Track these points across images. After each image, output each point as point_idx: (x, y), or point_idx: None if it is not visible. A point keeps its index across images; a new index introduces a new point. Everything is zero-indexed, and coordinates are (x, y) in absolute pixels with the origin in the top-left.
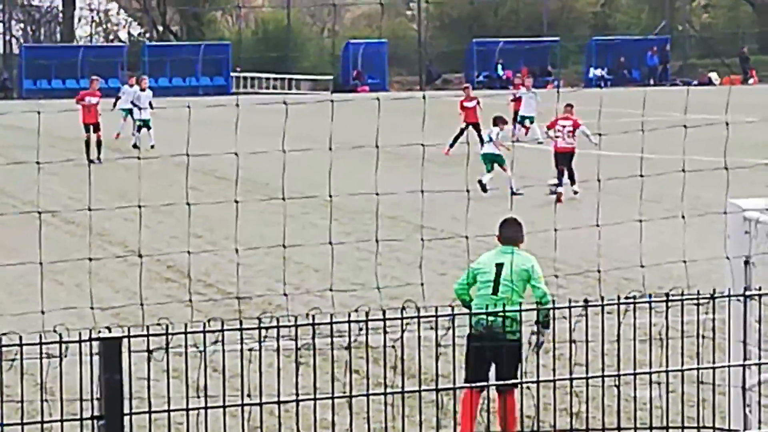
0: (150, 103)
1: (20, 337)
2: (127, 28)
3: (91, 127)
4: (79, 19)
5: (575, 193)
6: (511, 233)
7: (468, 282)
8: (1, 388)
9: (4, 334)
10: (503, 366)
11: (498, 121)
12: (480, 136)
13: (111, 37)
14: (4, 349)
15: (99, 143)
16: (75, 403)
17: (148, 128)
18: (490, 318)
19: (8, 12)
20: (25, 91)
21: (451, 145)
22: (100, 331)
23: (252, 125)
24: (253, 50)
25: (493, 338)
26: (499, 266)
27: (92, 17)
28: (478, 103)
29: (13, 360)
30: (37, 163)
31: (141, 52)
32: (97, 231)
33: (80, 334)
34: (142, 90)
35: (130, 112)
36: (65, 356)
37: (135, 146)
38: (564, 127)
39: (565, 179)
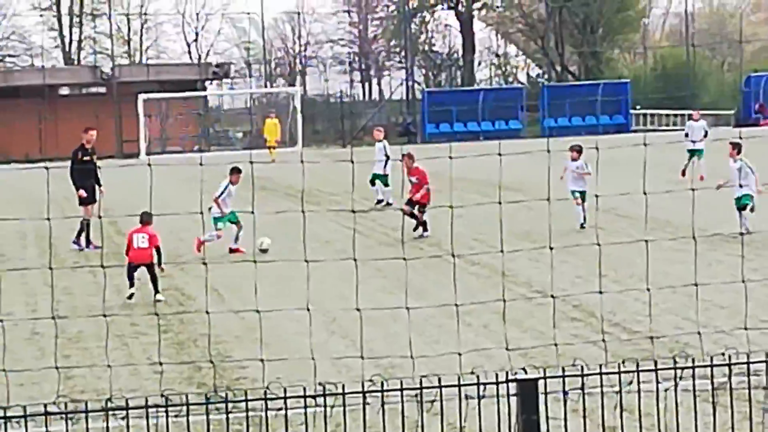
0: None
1: (439, 379)
2: (526, 70)
3: None
4: (479, 63)
5: None
6: None
7: None
8: (422, 429)
9: (424, 376)
10: None
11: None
12: None
13: (510, 79)
14: (424, 391)
15: None
16: None
17: None
18: None
19: (410, 58)
20: (428, 135)
21: None
22: (516, 373)
23: (654, 163)
24: (651, 87)
25: None
26: None
27: (491, 60)
28: None
29: (432, 401)
30: (450, 207)
31: (540, 94)
32: (502, 271)
33: (497, 375)
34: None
35: None
36: (483, 397)
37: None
38: None
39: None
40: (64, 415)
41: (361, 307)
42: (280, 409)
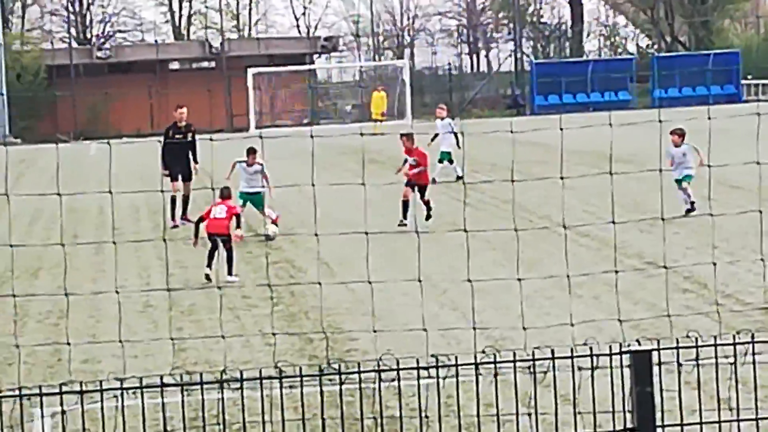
0: None
1: (552, 351)
2: (636, 40)
3: None
4: (588, 34)
5: None
6: None
7: None
8: (535, 401)
9: (536, 348)
10: None
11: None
12: None
13: (619, 50)
14: (536, 362)
15: None
16: (605, 415)
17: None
18: None
19: (519, 30)
20: (536, 107)
21: None
22: (629, 344)
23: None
24: (763, 56)
25: None
26: None
27: (600, 31)
28: None
29: (545, 373)
30: (561, 178)
31: (650, 64)
32: (614, 243)
33: (610, 347)
34: None
35: None
36: (596, 368)
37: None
38: None
39: None
40: (179, 387)
41: (472, 278)
42: (392, 380)
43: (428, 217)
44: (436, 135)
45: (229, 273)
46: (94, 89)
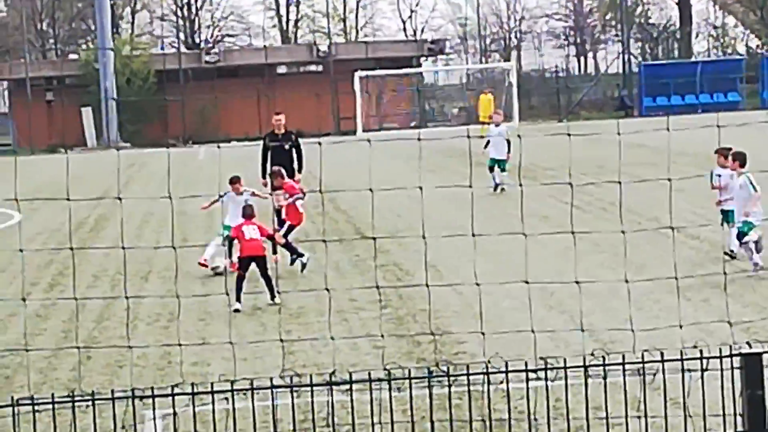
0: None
1: (661, 354)
2: (745, 41)
3: None
4: (697, 35)
5: None
6: None
7: None
8: (645, 404)
9: (645, 350)
10: None
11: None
12: None
13: (728, 50)
14: (646, 365)
15: None
16: (715, 419)
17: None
18: None
19: (626, 31)
20: (645, 109)
21: None
22: (739, 347)
23: None
24: None
25: None
26: None
27: (709, 32)
28: None
29: (654, 375)
30: (668, 179)
31: (760, 65)
32: (722, 245)
33: (720, 349)
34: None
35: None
36: (705, 370)
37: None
38: None
39: None
40: (289, 389)
41: (580, 281)
42: (501, 383)
43: (294, 261)
44: (488, 142)
45: (272, 297)
46: (203, 93)
